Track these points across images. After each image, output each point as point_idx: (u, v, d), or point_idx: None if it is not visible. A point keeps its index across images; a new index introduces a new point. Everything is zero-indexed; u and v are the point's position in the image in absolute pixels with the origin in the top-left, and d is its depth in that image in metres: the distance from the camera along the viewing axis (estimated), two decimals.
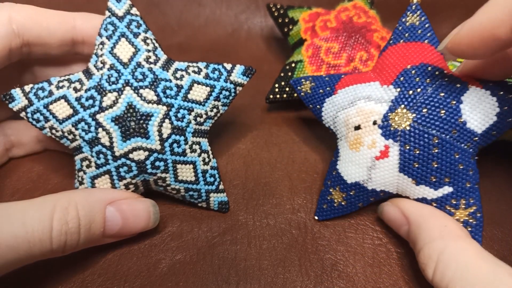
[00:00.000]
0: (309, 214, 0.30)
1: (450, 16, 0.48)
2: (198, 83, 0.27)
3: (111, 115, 0.25)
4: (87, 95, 0.26)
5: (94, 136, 0.25)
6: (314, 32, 0.39)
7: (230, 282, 0.26)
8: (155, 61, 0.27)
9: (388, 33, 0.39)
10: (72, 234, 0.22)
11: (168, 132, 0.26)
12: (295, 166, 0.34)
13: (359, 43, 0.37)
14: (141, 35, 0.27)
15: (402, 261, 0.27)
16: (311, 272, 0.26)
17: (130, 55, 0.26)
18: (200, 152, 0.28)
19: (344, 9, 0.39)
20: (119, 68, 0.26)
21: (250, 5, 0.50)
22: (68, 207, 0.22)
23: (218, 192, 0.29)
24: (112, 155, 0.25)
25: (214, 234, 0.28)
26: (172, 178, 0.27)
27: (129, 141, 0.25)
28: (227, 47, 0.48)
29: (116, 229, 0.25)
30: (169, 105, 0.26)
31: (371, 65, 0.37)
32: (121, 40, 0.27)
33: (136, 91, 0.26)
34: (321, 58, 0.37)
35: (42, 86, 0.26)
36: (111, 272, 0.26)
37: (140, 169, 0.26)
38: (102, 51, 0.27)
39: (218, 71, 0.28)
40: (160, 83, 0.26)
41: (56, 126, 0.26)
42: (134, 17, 0.27)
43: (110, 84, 0.26)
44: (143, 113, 0.25)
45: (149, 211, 0.26)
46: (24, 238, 0.20)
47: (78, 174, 0.27)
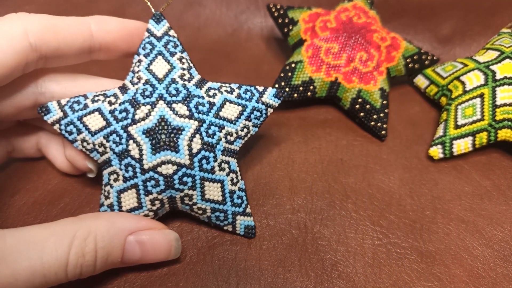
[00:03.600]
0: (309, 214, 0.30)
1: (450, 16, 0.48)
2: (230, 102, 0.28)
3: (143, 127, 0.25)
4: (121, 108, 0.26)
5: (125, 148, 0.25)
6: (314, 32, 0.39)
7: (230, 282, 0.26)
8: (189, 79, 0.27)
9: (388, 34, 0.39)
10: (88, 266, 0.22)
11: (198, 148, 0.26)
12: (295, 166, 0.34)
13: (359, 44, 0.37)
14: (177, 54, 0.28)
15: (402, 261, 0.27)
16: (311, 272, 0.26)
17: (165, 71, 0.27)
18: (229, 171, 0.27)
19: (344, 10, 0.39)
20: (154, 83, 0.26)
21: (250, 5, 0.50)
22: (87, 239, 0.22)
23: (245, 215, 0.28)
24: (140, 168, 0.25)
25: (214, 234, 0.28)
26: (199, 196, 0.27)
27: (159, 154, 0.25)
28: (227, 48, 0.48)
29: (134, 259, 0.24)
30: (201, 120, 0.26)
31: (371, 66, 0.37)
32: (158, 58, 0.27)
33: (169, 105, 0.26)
34: (321, 59, 0.37)
35: (78, 100, 0.27)
36: (111, 272, 0.26)
37: (167, 184, 0.26)
38: (139, 67, 0.27)
39: (250, 92, 0.29)
40: (193, 99, 0.27)
41: (88, 139, 0.26)
42: (171, 38, 0.28)
43: (144, 98, 0.26)
44: (174, 127, 0.25)
45: (170, 245, 0.25)
46: (40, 272, 0.20)
47: (105, 189, 0.27)
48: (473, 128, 0.35)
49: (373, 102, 0.37)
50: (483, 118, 0.34)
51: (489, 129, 0.34)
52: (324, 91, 0.38)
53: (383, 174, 0.33)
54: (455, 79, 0.38)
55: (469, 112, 0.35)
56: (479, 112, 0.35)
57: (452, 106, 0.37)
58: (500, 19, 0.47)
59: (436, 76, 0.40)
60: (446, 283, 0.27)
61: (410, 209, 0.31)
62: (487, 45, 0.40)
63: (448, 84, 0.38)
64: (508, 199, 0.32)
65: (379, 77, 0.38)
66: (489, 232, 0.30)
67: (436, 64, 0.42)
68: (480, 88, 0.35)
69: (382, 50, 0.38)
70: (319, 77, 0.37)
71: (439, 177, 0.34)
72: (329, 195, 0.31)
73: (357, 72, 0.37)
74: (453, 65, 0.40)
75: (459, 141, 0.35)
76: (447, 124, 0.36)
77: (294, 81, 0.37)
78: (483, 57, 0.38)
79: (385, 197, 0.32)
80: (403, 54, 0.39)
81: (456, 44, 0.48)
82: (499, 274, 0.27)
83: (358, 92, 0.37)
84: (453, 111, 0.36)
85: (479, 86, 0.36)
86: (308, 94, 0.38)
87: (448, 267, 0.27)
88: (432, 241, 0.29)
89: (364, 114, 0.37)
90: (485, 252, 0.28)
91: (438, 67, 0.41)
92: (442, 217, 0.31)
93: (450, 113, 0.36)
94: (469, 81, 0.36)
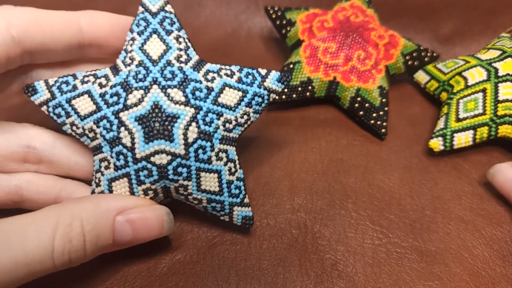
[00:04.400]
0: (309, 214, 0.30)
1: (450, 15, 0.48)
2: (230, 87, 0.26)
3: (135, 114, 0.24)
4: (112, 91, 0.24)
5: (116, 135, 0.24)
6: (312, 32, 0.39)
7: (230, 282, 0.26)
8: (186, 60, 0.26)
9: (386, 31, 0.39)
10: (77, 252, 0.21)
11: (194, 137, 0.24)
12: (295, 166, 0.34)
13: (357, 42, 0.37)
14: (174, 33, 0.26)
15: (402, 260, 0.28)
16: (311, 272, 0.26)
17: (160, 52, 0.25)
18: (227, 161, 0.26)
19: (342, 9, 0.39)
20: (148, 65, 0.25)
21: (250, 5, 0.50)
22: (72, 223, 0.21)
23: (243, 206, 0.27)
24: (132, 157, 0.24)
25: (214, 234, 0.28)
26: (194, 186, 0.25)
27: (152, 143, 0.24)
28: (227, 47, 0.47)
29: (126, 240, 0.24)
30: (198, 107, 0.25)
31: (369, 64, 0.37)
32: (153, 37, 0.25)
33: (164, 90, 0.24)
34: (319, 58, 0.37)
35: (67, 80, 0.25)
36: (111, 272, 0.26)
37: (161, 174, 0.24)
38: (132, 47, 0.25)
39: (252, 75, 0.27)
40: (190, 84, 0.25)
41: (77, 123, 0.25)
42: (168, 14, 0.26)
43: (137, 82, 0.24)
44: (169, 114, 0.24)
45: (162, 220, 0.25)
46: (23, 262, 0.19)
47: (96, 176, 0.25)
48: (475, 122, 0.35)
49: (372, 101, 0.37)
50: (485, 112, 0.34)
51: (490, 123, 0.34)
52: (323, 91, 0.38)
53: (383, 174, 0.33)
54: (457, 75, 0.38)
55: (471, 106, 0.35)
56: (481, 106, 0.35)
57: (453, 100, 0.36)
58: (500, 19, 0.47)
59: (437, 72, 0.40)
60: (446, 282, 0.27)
61: (410, 208, 0.31)
62: (488, 45, 0.40)
63: (449, 80, 0.38)
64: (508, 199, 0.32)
65: (377, 75, 0.38)
66: (489, 232, 0.30)
67: (436, 61, 0.42)
68: (482, 83, 0.35)
69: (380, 48, 0.38)
70: (317, 77, 0.37)
71: (439, 176, 0.34)
72: (329, 195, 0.31)
73: (355, 70, 0.37)
74: (454, 61, 0.40)
75: (460, 134, 0.35)
76: (449, 117, 0.36)
77: (293, 81, 0.37)
78: (485, 55, 0.38)
79: (385, 196, 0.32)
80: (402, 52, 0.39)
81: (456, 44, 0.48)
82: (498, 274, 0.27)
83: (357, 91, 0.37)
84: (454, 104, 0.36)
85: (481, 82, 0.36)
86: (307, 94, 0.38)
87: (448, 266, 0.27)
88: (432, 240, 0.29)
89: (363, 113, 0.37)
90: (484, 252, 0.28)
91: (439, 64, 0.41)
92: (442, 216, 0.31)
93: (452, 107, 0.36)
94: (472, 76, 0.36)
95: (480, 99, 0.35)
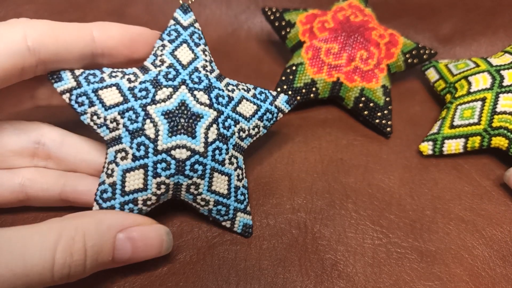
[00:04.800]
0: (309, 214, 0.30)
1: (450, 15, 0.48)
2: (247, 100, 0.29)
3: (163, 108, 0.25)
4: (141, 86, 0.26)
5: (140, 127, 0.25)
6: (313, 33, 0.39)
7: (230, 282, 0.26)
8: (210, 71, 0.28)
9: (385, 31, 0.39)
10: (77, 266, 0.21)
11: (213, 137, 0.26)
12: (295, 166, 0.34)
13: (359, 42, 0.37)
14: (201, 46, 0.29)
15: (402, 260, 0.28)
16: (311, 272, 0.26)
17: (189, 59, 0.27)
18: (236, 167, 0.28)
19: (340, 9, 0.39)
20: (178, 68, 0.27)
21: (250, 5, 0.50)
22: (75, 237, 0.21)
23: (245, 213, 0.29)
24: (154, 149, 0.25)
25: (214, 234, 0.28)
26: (206, 186, 0.27)
27: (175, 137, 0.25)
28: (227, 47, 0.47)
29: (125, 258, 0.24)
30: (219, 111, 0.27)
31: (372, 63, 0.37)
32: (183, 45, 0.28)
33: (191, 91, 0.26)
34: (322, 60, 0.37)
35: (94, 73, 0.26)
36: (111, 272, 0.26)
37: (178, 169, 0.25)
38: (163, 52, 0.27)
39: (265, 94, 0.30)
40: (214, 90, 0.27)
41: (100, 113, 0.26)
42: (196, 30, 0.29)
43: (167, 80, 0.26)
44: (194, 113, 0.26)
45: (161, 240, 0.25)
46: (22, 273, 0.19)
47: (108, 167, 0.26)
48: (468, 131, 0.34)
49: (376, 100, 0.37)
50: (480, 122, 0.34)
51: (484, 134, 0.34)
52: (326, 92, 0.38)
53: (383, 174, 0.34)
54: (463, 78, 0.37)
55: (467, 114, 0.35)
56: (476, 116, 0.34)
57: (453, 105, 0.36)
58: (500, 19, 0.47)
59: (447, 72, 0.40)
60: (446, 282, 0.27)
61: (410, 208, 0.31)
62: (507, 48, 0.39)
63: (455, 82, 0.38)
64: (507, 199, 0.32)
65: (380, 75, 0.38)
66: (489, 232, 0.30)
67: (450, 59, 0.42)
68: (484, 91, 0.35)
69: (381, 48, 0.38)
70: (321, 78, 0.37)
71: (439, 176, 0.34)
72: (329, 195, 0.31)
73: (359, 70, 0.37)
74: (466, 63, 0.39)
75: (451, 141, 0.35)
76: (443, 122, 0.36)
77: (296, 83, 0.37)
78: (497, 60, 0.37)
79: (385, 196, 0.32)
80: (402, 50, 0.39)
81: (456, 44, 0.48)
82: (498, 274, 0.27)
83: (361, 91, 0.37)
84: (452, 110, 0.36)
85: (483, 90, 0.35)
86: (311, 96, 0.38)
87: (448, 267, 0.27)
88: (432, 240, 0.29)
89: (368, 113, 0.37)
90: (484, 252, 0.28)
91: (451, 63, 0.41)
92: (442, 216, 0.31)
93: (449, 112, 0.36)
94: (476, 82, 0.36)
95: (477, 108, 0.35)
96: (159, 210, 0.28)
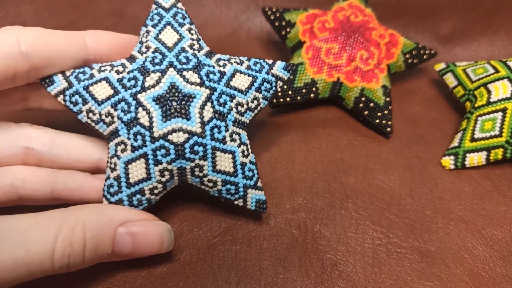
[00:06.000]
0: (309, 214, 0.30)
1: (450, 15, 0.48)
2: (241, 72, 0.28)
3: (153, 94, 0.25)
4: (129, 76, 0.26)
5: (133, 116, 0.25)
6: (313, 33, 0.39)
7: (230, 282, 0.26)
8: (198, 49, 0.27)
9: (386, 30, 0.39)
10: (76, 256, 0.22)
11: (209, 116, 0.26)
12: (295, 166, 0.34)
13: (359, 42, 0.37)
14: (186, 25, 0.28)
15: (403, 260, 0.27)
16: (311, 272, 0.26)
17: (175, 41, 0.27)
18: (240, 143, 0.27)
19: (340, 9, 0.39)
20: (164, 51, 0.26)
21: (250, 5, 0.50)
22: (75, 228, 0.21)
23: (257, 189, 0.28)
24: (150, 136, 0.25)
25: (214, 234, 0.28)
26: (210, 167, 0.26)
27: (170, 122, 0.25)
28: (227, 47, 0.47)
29: (124, 252, 0.24)
30: (212, 88, 0.26)
31: (372, 63, 0.37)
32: (167, 28, 0.27)
33: (180, 72, 0.26)
34: (322, 60, 0.37)
35: (84, 70, 0.27)
36: (111, 272, 0.26)
37: (178, 153, 0.25)
38: (147, 37, 0.27)
39: (260, 64, 0.29)
40: (204, 67, 0.26)
41: (94, 109, 0.26)
42: (179, 10, 0.29)
43: (154, 65, 0.26)
44: (185, 94, 0.25)
45: (162, 237, 0.25)
46: (24, 261, 0.20)
47: (111, 161, 0.26)
48: (489, 144, 0.34)
49: (376, 100, 0.37)
50: (501, 134, 0.33)
51: (506, 146, 0.33)
52: (326, 92, 0.38)
53: (383, 174, 0.33)
54: (482, 86, 0.36)
55: (488, 126, 0.34)
56: (498, 128, 0.34)
57: (473, 116, 0.36)
58: (500, 19, 0.47)
59: (465, 78, 0.38)
60: (446, 282, 0.27)
61: (410, 208, 0.31)
62: None
63: (475, 90, 0.37)
64: (508, 199, 0.32)
65: (380, 75, 0.38)
66: (489, 232, 0.30)
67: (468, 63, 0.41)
68: (504, 101, 0.34)
69: (381, 48, 0.38)
70: (321, 78, 0.37)
71: (439, 176, 0.34)
72: (329, 195, 0.31)
73: (359, 71, 0.37)
74: (484, 68, 0.38)
75: (472, 155, 0.34)
76: (464, 135, 0.35)
77: (297, 83, 0.37)
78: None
79: (385, 196, 0.32)
80: (402, 50, 0.39)
81: (456, 44, 0.48)
82: (498, 274, 0.27)
83: (361, 91, 0.37)
84: (472, 122, 0.35)
85: (504, 99, 0.34)
86: (311, 96, 0.38)
87: (448, 267, 0.27)
88: (432, 240, 0.29)
89: (368, 113, 0.37)
90: (485, 252, 0.28)
91: (469, 67, 0.39)
92: (442, 216, 0.31)
93: (470, 124, 0.35)
94: (496, 91, 0.35)
95: (498, 120, 0.34)
96: (159, 209, 0.28)
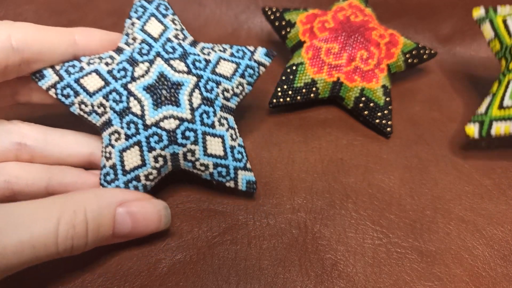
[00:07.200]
0: (309, 214, 0.30)
1: (450, 15, 0.48)
2: (224, 59, 0.29)
3: (143, 84, 0.26)
4: (118, 67, 0.27)
5: (125, 106, 0.26)
6: (313, 33, 0.39)
7: (230, 282, 0.26)
8: (183, 38, 0.29)
9: (386, 30, 0.39)
10: (79, 238, 0.22)
11: (198, 102, 0.27)
12: (295, 166, 0.34)
13: (359, 42, 0.37)
14: (169, 16, 0.29)
15: (403, 260, 0.27)
16: (311, 272, 0.26)
17: (160, 31, 0.28)
18: (228, 127, 0.28)
19: (340, 9, 0.39)
20: (150, 42, 0.28)
21: (250, 5, 0.50)
22: (76, 210, 0.22)
23: (246, 170, 0.29)
24: (143, 124, 0.26)
25: (214, 234, 0.28)
26: (201, 151, 0.27)
27: (161, 109, 0.26)
28: None
29: (126, 231, 0.25)
30: (199, 76, 0.27)
31: (372, 63, 0.37)
32: (151, 19, 0.29)
33: (167, 62, 0.27)
34: (322, 59, 0.37)
35: (73, 64, 0.27)
36: (111, 272, 0.26)
37: (170, 139, 0.26)
38: (133, 29, 0.28)
39: (242, 51, 0.30)
40: (190, 56, 0.28)
41: (86, 100, 0.26)
42: (162, 1, 0.30)
43: (141, 56, 0.27)
44: (174, 82, 0.26)
45: (160, 214, 0.26)
46: (29, 243, 0.20)
47: (106, 150, 0.27)
48: None
49: (376, 100, 0.37)
50: None
51: None
52: (326, 92, 0.38)
53: (383, 174, 0.33)
54: None
55: None
56: None
57: (505, 79, 0.31)
58: None
59: (504, 31, 0.33)
60: (446, 282, 0.27)
61: (410, 208, 0.31)
62: None
63: None
64: (508, 198, 0.32)
65: (380, 75, 0.38)
66: (489, 232, 0.30)
67: None
68: None
69: (381, 48, 0.38)
70: (321, 78, 0.37)
71: (439, 176, 0.34)
72: (329, 195, 0.31)
73: (359, 70, 0.37)
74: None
75: (499, 124, 0.31)
76: (492, 101, 0.31)
77: (297, 83, 0.37)
78: None
79: (385, 196, 0.32)
80: (402, 50, 0.39)
81: (456, 44, 0.48)
82: (499, 274, 0.27)
83: (361, 91, 0.37)
84: (503, 86, 0.31)
85: None
86: (311, 96, 0.38)
87: (448, 267, 0.27)
88: (432, 240, 0.29)
89: (368, 113, 0.37)
90: (485, 252, 0.28)
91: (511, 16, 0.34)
92: (442, 216, 0.31)
93: (500, 88, 0.31)
94: None
95: None
96: None
